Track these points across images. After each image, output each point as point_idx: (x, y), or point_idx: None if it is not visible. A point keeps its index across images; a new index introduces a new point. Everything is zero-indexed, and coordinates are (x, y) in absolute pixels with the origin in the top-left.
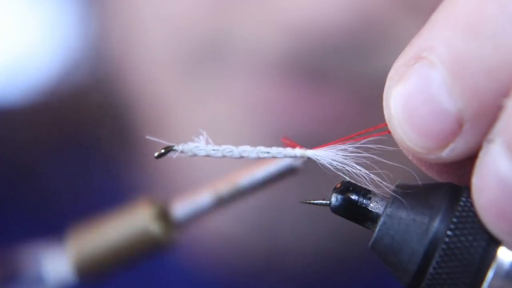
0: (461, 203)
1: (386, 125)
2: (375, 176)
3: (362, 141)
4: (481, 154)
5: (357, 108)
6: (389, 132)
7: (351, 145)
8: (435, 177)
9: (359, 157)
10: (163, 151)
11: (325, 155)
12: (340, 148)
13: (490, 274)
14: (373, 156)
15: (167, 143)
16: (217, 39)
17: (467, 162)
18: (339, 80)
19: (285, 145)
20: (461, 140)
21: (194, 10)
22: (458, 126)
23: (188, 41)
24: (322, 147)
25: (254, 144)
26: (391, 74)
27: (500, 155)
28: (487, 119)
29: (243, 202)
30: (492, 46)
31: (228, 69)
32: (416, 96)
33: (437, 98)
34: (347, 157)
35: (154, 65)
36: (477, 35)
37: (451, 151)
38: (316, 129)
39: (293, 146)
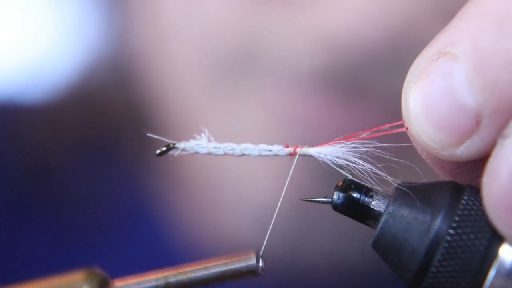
0: (463, 202)
1: (402, 122)
2: (378, 171)
3: (365, 138)
4: (495, 151)
5: (389, 122)
6: (406, 129)
7: (354, 142)
8: (448, 177)
9: (362, 153)
10: (164, 148)
11: (327, 152)
12: (341, 145)
13: (491, 273)
14: (377, 151)
15: (168, 141)
16: (250, 47)
17: (480, 164)
18: (372, 94)
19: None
20: (477, 137)
21: (226, 18)
22: (476, 123)
23: (218, 47)
24: (324, 144)
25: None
26: (413, 69)
27: None
28: (505, 117)
29: None
30: None
31: (260, 79)
32: (436, 90)
33: (457, 92)
34: (350, 153)
35: (180, 69)
36: (503, 30)
37: (466, 148)
38: None
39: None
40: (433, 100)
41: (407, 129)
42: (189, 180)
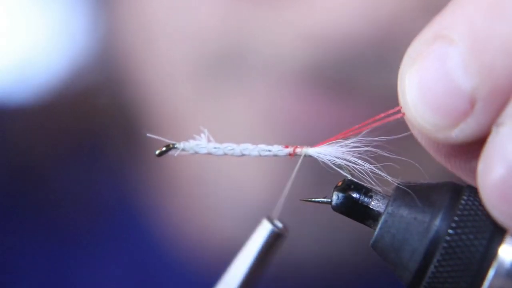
0: (463, 202)
1: (399, 109)
2: (378, 171)
3: (364, 135)
4: (490, 139)
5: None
6: (403, 114)
7: (354, 141)
8: (442, 161)
9: (362, 153)
10: (164, 149)
11: (327, 152)
12: (341, 144)
13: (491, 273)
14: (377, 150)
15: (168, 141)
16: (237, 47)
17: (474, 147)
18: (360, 90)
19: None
20: (471, 120)
21: (212, 16)
22: (470, 105)
23: (206, 48)
24: (324, 143)
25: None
26: (409, 52)
27: (509, 137)
28: (499, 101)
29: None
30: None
31: (248, 78)
32: (432, 73)
33: (453, 75)
34: (349, 153)
35: (167, 70)
36: (500, 13)
37: (461, 131)
38: None
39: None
40: (428, 83)
41: (403, 114)
42: (177, 180)
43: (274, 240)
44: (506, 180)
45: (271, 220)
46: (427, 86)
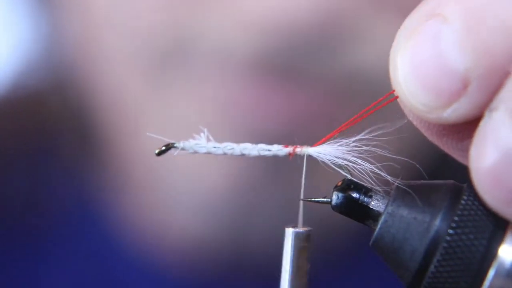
0: (463, 202)
1: (393, 92)
2: (378, 171)
3: (364, 134)
4: (482, 123)
5: (329, 103)
6: (397, 97)
7: (353, 139)
8: (434, 139)
9: (362, 152)
10: (164, 148)
11: (327, 152)
12: (341, 143)
13: (491, 273)
14: (377, 149)
15: (168, 140)
16: (183, 39)
17: (467, 126)
18: (310, 76)
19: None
20: (464, 100)
21: (157, 11)
22: (464, 86)
23: (152, 41)
24: (323, 141)
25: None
26: (401, 31)
27: (502, 122)
28: (493, 82)
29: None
30: (509, 4)
31: (197, 69)
32: (424, 51)
33: (447, 54)
34: (349, 153)
35: (115, 67)
36: None
37: (453, 111)
38: (289, 126)
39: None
40: (421, 62)
41: (397, 97)
42: (132, 177)
43: (300, 241)
44: (499, 166)
45: (293, 226)
46: (420, 65)
